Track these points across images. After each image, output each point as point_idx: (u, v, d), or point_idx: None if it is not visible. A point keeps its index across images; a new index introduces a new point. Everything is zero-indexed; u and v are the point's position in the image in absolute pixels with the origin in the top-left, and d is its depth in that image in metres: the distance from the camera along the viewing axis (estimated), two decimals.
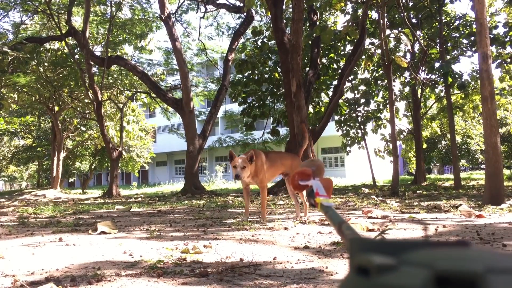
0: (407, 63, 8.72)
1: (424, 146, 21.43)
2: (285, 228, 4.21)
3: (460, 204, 5.43)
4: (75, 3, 15.73)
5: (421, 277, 0.34)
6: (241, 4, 15.17)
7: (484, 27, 5.36)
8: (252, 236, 3.78)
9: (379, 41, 12.23)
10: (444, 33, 14.18)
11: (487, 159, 5.58)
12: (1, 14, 16.46)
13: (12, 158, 30.57)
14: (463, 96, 18.75)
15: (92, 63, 15.03)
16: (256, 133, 20.46)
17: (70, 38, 16.00)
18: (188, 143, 13.86)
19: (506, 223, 4.09)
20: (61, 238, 3.91)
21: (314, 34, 11.12)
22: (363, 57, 12.12)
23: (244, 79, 15.60)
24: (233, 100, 16.16)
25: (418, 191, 10.42)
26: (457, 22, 16.20)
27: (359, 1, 11.46)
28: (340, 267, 2.40)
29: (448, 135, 30.79)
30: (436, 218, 4.75)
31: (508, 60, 15.17)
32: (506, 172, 26.73)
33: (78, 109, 21.05)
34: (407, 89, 18.60)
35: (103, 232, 4.29)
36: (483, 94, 5.42)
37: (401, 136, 20.22)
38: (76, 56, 17.02)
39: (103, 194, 15.79)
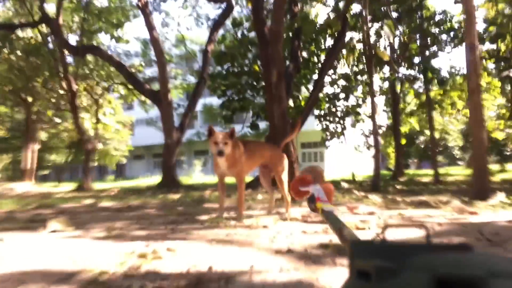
0: (389, 56, 8.59)
1: (403, 141, 21.49)
2: (265, 227, 3.80)
3: (448, 200, 5.29)
4: None
5: (423, 281, 0.33)
6: None
7: (471, 17, 5.22)
8: (227, 235, 3.35)
9: (361, 35, 12.12)
10: (424, 28, 14.17)
11: (474, 154, 5.46)
12: None
13: None
14: (441, 92, 18.88)
15: (66, 52, 14.54)
16: (235, 127, 20.21)
17: (43, 25, 15.46)
18: (165, 136, 13.54)
19: (505, 221, 3.84)
20: (1, 238, 3.44)
21: (296, 25, 10.90)
22: (345, 50, 11.97)
23: (224, 72, 15.33)
24: (212, 92, 15.87)
25: (398, 186, 10.34)
26: (438, 17, 16.23)
27: None
28: (333, 279, 1.87)
29: (426, 131, 31.14)
30: (427, 215, 4.47)
31: (487, 56, 15.26)
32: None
33: (53, 100, 20.46)
34: (386, 84, 18.62)
35: (55, 231, 3.82)
36: (470, 86, 5.27)
37: (380, 131, 20.24)
38: (51, 46, 16.48)
39: (76, 187, 15.34)
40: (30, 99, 20.28)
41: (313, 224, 3.90)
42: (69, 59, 18.33)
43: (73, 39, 18.72)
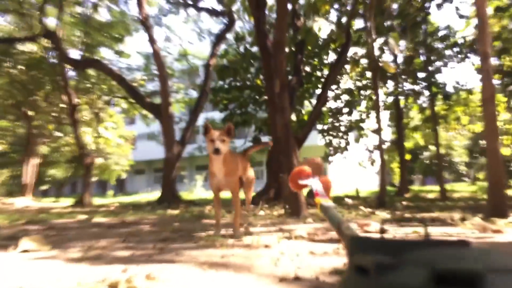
0: (394, 68, 8.41)
1: (408, 157, 21.25)
2: (266, 246, 3.36)
3: (463, 217, 5.01)
4: (49, 2, 15.11)
5: (421, 276, 0.34)
6: (223, 9, 14.81)
7: (485, 25, 4.98)
8: (222, 257, 2.91)
9: (364, 50, 11.97)
10: (428, 42, 14.04)
11: (489, 167, 5.10)
12: None
13: None
14: (446, 107, 18.72)
15: (67, 65, 14.43)
16: (237, 141, 20.05)
17: (44, 39, 15.38)
18: (165, 150, 13.32)
19: None
20: None
21: (299, 38, 10.77)
22: (349, 62, 11.82)
23: (226, 86, 15.22)
24: (214, 106, 15.72)
25: (404, 203, 10.06)
26: (441, 32, 16.14)
27: (346, 0, 11.14)
28: None
29: (431, 147, 30.93)
30: (445, 233, 4.08)
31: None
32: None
33: (54, 114, 20.33)
34: (390, 99, 18.46)
35: (27, 250, 3.45)
36: (484, 96, 4.99)
37: (384, 146, 20.02)
38: (53, 60, 16.41)
39: (75, 202, 15.08)
40: (31, 113, 20.14)
41: (321, 243, 3.49)
42: (71, 73, 18.26)
43: (74, 53, 18.67)
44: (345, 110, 17.86)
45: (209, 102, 15.94)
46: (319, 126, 18.75)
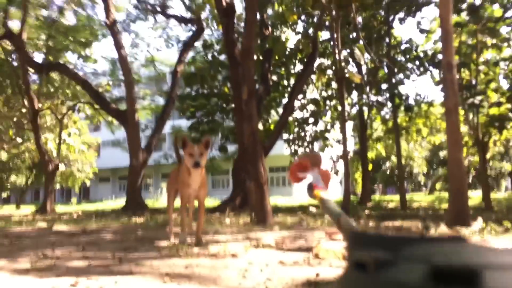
0: (360, 78, 8.64)
1: (370, 167, 21.70)
2: (233, 255, 3.22)
3: (426, 226, 5.16)
4: (13, 4, 14.73)
5: (419, 272, 0.34)
6: (192, 16, 14.83)
7: (449, 35, 5.16)
8: (186, 268, 2.72)
9: (330, 61, 12.25)
10: (392, 55, 14.46)
11: (451, 176, 5.22)
12: None
13: None
14: (407, 119, 19.25)
15: (29, 68, 14.07)
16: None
17: (6, 42, 14.98)
18: (131, 157, 13.16)
19: None
20: None
21: (267, 46, 10.91)
22: (316, 71, 12.05)
23: (193, 93, 15.18)
24: (181, 113, 15.65)
25: (366, 211, 10.28)
26: (403, 46, 16.64)
27: (313, 12, 11.37)
28: None
29: (392, 157, 31.65)
30: None
31: None
32: (445, 195, 27.65)
33: (15, 119, 19.72)
34: (354, 110, 18.83)
35: None
36: (447, 106, 5.16)
37: (348, 157, 20.36)
38: (15, 63, 15.96)
39: (37, 210, 14.66)
40: None
41: (290, 252, 3.41)
42: (34, 77, 17.81)
43: (38, 57, 18.24)
44: (311, 120, 18.11)
45: (176, 109, 15.86)
46: (285, 136, 18.95)
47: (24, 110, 18.07)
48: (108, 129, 21.43)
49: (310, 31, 13.78)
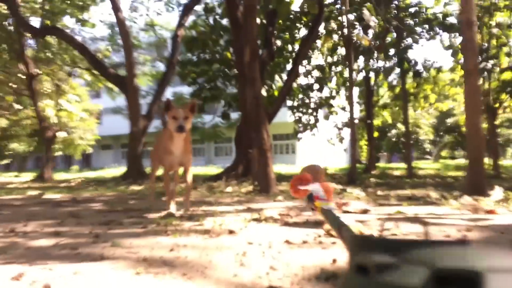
0: (368, 41, 8.18)
1: (376, 134, 21.35)
2: (231, 232, 2.77)
3: (442, 195, 4.83)
4: None
5: (421, 275, 0.34)
6: None
7: None
8: (171, 250, 2.25)
9: (336, 24, 11.71)
10: (400, 18, 13.88)
11: (469, 143, 4.78)
12: None
13: None
14: (415, 85, 18.80)
15: (25, 32, 13.58)
16: (206, 117, 19.64)
17: (1, 5, 14.43)
18: (131, 124, 12.82)
19: None
20: None
21: (270, 7, 10.39)
22: (321, 36, 11.55)
23: (195, 58, 14.73)
24: (182, 80, 15.23)
25: (373, 179, 9.99)
26: (412, 9, 16.04)
27: None
28: None
29: (398, 124, 31.26)
30: (433, 214, 3.64)
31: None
32: (451, 162, 27.40)
33: (12, 85, 19.30)
34: (360, 76, 18.37)
35: None
36: (466, 67, 4.68)
37: (355, 123, 20.04)
38: (11, 28, 15.44)
39: (35, 177, 14.47)
40: None
41: (297, 227, 2.94)
42: (31, 42, 17.32)
43: (35, 22, 17.67)
44: (316, 86, 17.70)
45: (177, 75, 15.42)
46: (289, 103, 18.59)
47: (21, 76, 17.66)
48: (109, 96, 21.06)
49: None
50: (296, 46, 14.55)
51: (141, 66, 19.38)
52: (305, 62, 16.31)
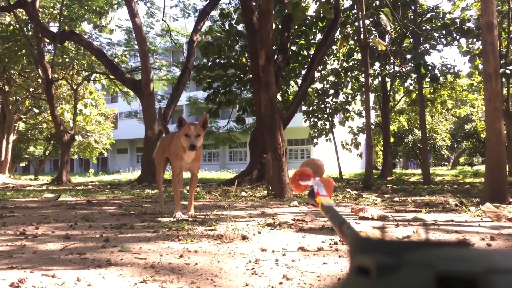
0: (385, 45, 8.10)
1: (392, 140, 21.16)
2: (244, 238, 2.68)
3: (461, 201, 4.72)
4: None
5: (422, 277, 0.34)
6: None
7: None
8: (181, 256, 2.20)
9: (352, 29, 11.63)
10: (417, 23, 13.75)
11: (489, 148, 4.65)
12: None
13: None
14: (431, 91, 18.61)
15: (43, 37, 13.78)
16: (221, 121, 19.69)
17: (20, 11, 14.70)
18: (146, 128, 12.89)
19: None
20: None
21: (286, 11, 10.37)
22: (339, 38, 11.49)
23: (210, 63, 14.78)
24: (197, 84, 15.29)
25: (388, 185, 9.87)
26: (430, 14, 15.91)
27: None
28: None
29: (415, 130, 30.93)
30: (453, 221, 3.52)
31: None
32: (469, 169, 27.00)
33: (31, 89, 19.62)
34: (376, 81, 18.26)
35: None
36: (486, 71, 4.58)
37: (371, 128, 19.92)
38: (30, 33, 15.70)
39: (52, 180, 14.63)
40: (7, 88, 19.39)
41: (312, 233, 2.89)
42: (49, 47, 17.59)
43: (54, 28, 17.95)
44: (331, 91, 17.63)
45: (192, 80, 15.49)
46: (304, 108, 18.55)
47: (39, 81, 17.95)
48: (125, 100, 21.25)
49: None
50: (312, 51, 14.52)
51: (157, 71, 19.51)
52: (320, 67, 16.27)
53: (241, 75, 14.94)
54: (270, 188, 6.59)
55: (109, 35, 18.36)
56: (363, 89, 10.52)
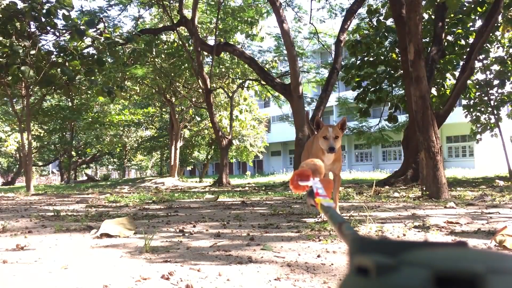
0: None
1: None
2: None
3: None
4: None
5: (421, 277, 0.35)
6: None
7: None
8: (318, 256, 2.25)
9: None
10: None
11: None
12: (120, 8, 17.28)
13: (138, 148, 32.73)
14: None
15: (202, 50, 15.07)
16: (371, 121, 19.22)
17: (182, 28, 16.26)
18: (297, 130, 13.19)
19: None
20: (21, 247, 2.63)
21: (438, 0, 9.71)
22: (501, 24, 10.40)
23: (358, 62, 14.57)
24: (346, 84, 15.18)
25: None
26: None
27: None
28: None
29: None
30: None
31: None
32: None
33: (193, 99, 21.56)
34: None
35: (107, 235, 3.01)
36: None
37: None
38: (191, 48, 17.33)
39: (214, 182, 15.86)
40: (174, 100, 21.62)
41: (465, 237, 2.70)
42: (207, 59, 19.11)
43: (210, 41, 19.52)
44: (496, 82, 16.04)
45: (340, 80, 15.43)
46: (464, 101, 17.24)
47: (200, 91, 19.64)
48: (276, 104, 22.05)
49: None
50: (471, 40, 13.34)
51: (305, 73, 19.85)
52: (482, 56, 14.92)
53: (392, 72, 14.45)
54: (424, 188, 6.23)
55: (260, 42, 19.22)
56: None
